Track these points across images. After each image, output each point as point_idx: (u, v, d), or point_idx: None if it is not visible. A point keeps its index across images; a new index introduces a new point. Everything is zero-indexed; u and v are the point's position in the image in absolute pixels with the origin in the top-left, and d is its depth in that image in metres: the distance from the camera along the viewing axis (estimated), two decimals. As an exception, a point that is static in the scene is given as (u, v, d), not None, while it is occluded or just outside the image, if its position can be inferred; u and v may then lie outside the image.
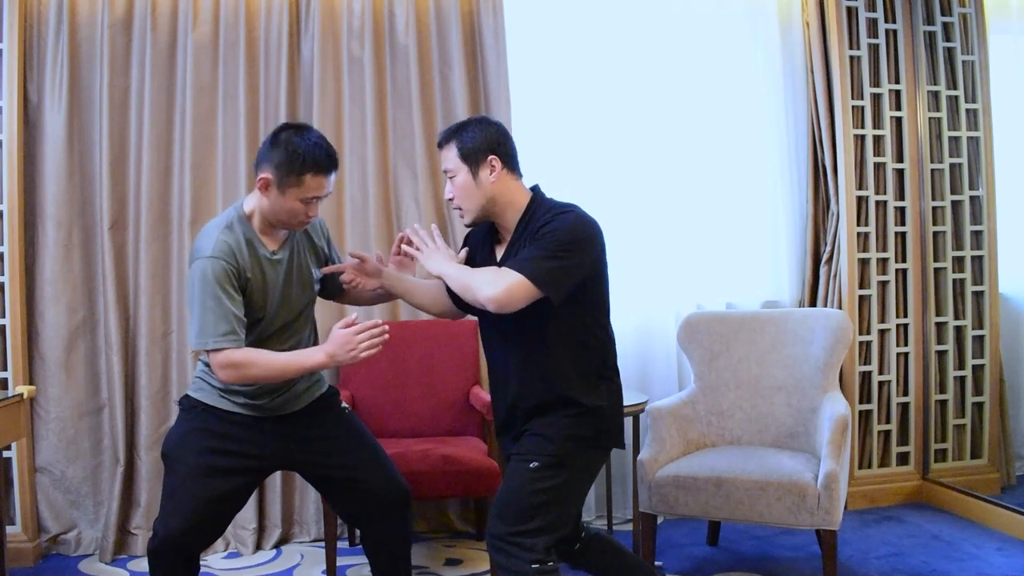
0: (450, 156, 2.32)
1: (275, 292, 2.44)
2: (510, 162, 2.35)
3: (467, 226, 2.41)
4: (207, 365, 2.48)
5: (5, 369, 3.58)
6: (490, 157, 2.30)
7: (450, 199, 2.36)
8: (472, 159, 2.29)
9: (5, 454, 3.42)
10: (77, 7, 3.70)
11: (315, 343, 2.61)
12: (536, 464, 2.25)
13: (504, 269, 2.20)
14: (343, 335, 2.28)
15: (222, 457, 2.45)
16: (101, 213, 3.69)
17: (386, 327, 2.31)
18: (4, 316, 3.58)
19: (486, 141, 2.31)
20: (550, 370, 2.29)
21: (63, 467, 3.70)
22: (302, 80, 3.87)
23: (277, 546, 3.75)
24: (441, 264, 2.36)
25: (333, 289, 2.72)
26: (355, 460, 2.58)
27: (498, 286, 2.16)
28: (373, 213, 3.85)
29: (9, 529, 3.38)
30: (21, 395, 3.00)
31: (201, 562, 3.44)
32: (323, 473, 2.61)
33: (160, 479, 2.69)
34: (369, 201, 3.86)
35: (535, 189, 2.41)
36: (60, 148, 3.66)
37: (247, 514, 3.70)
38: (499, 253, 2.40)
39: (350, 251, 2.58)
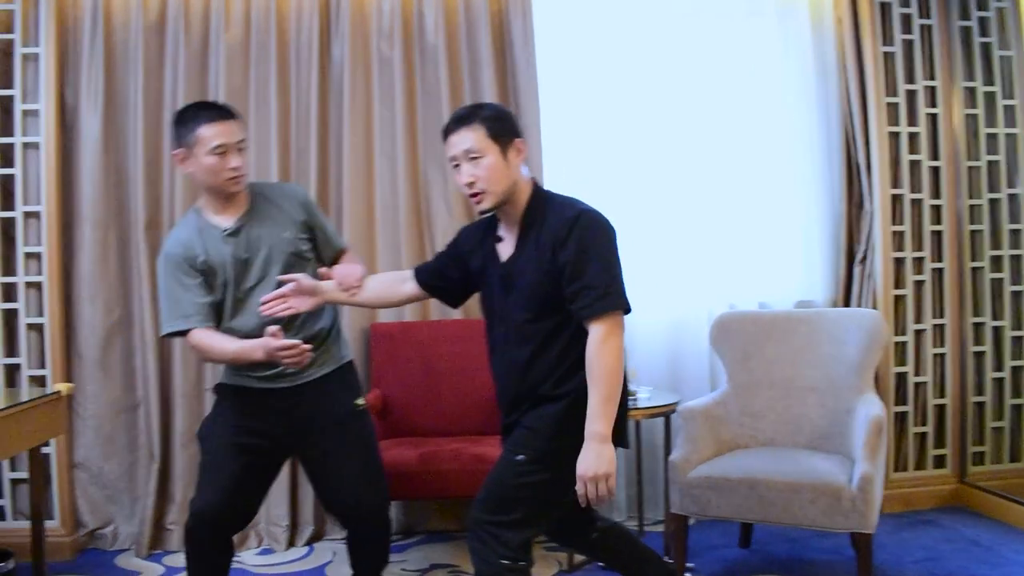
0: (475, 136, 2.21)
1: (238, 263, 2.56)
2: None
3: (483, 212, 2.29)
4: None
5: (44, 367, 3.65)
6: (517, 140, 2.27)
7: (469, 183, 2.23)
8: (503, 139, 2.23)
9: (44, 450, 3.47)
10: (112, 11, 3.76)
11: (324, 311, 2.67)
12: (522, 458, 2.24)
13: (597, 324, 2.15)
14: (271, 346, 2.33)
15: (247, 435, 2.59)
16: (136, 214, 3.75)
17: (307, 349, 2.36)
18: (43, 315, 3.64)
19: (514, 124, 2.30)
20: (542, 363, 2.26)
21: (100, 463, 3.76)
22: (332, 81, 3.89)
23: (310, 543, 3.78)
24: (599, 428, 2.16)
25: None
26: (340, 465, 2.64)
27: (613, 342, 2.15)
28: (403, 213, 3.87)
29: (48, 523, 3.44)
30: (59, 392, 3.05)
31: (235, 558, 3.49)
32: (312, 468, 2.71)
33: (195, 475, 2.74)
34: (399, 201, 3.88)
35: (535, 180, 2.37)
36: (96, 150, 3.72)
37: (280, 511, 3.74)
38: (503, 252, 2.34)
39: (279, 277, 2.53)
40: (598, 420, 2.14)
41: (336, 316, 2.77)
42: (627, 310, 2.20)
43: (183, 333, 2.54)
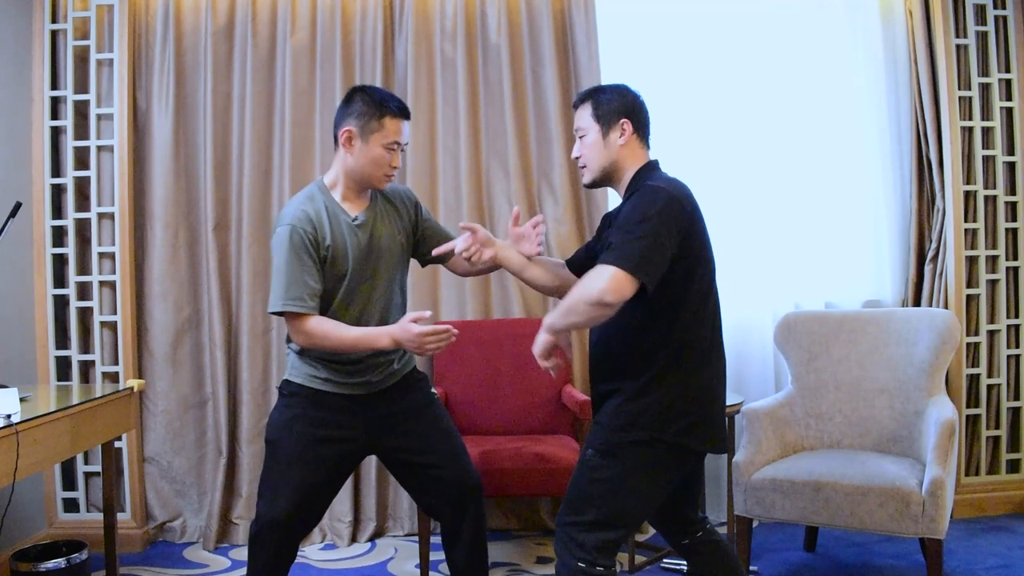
0: (584, 115, 2.34)
1: (360, 254, 2.50)
2: (641, 130, 2.36)
3: (586, 185, 2.42)
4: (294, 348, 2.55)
5: (117, 363, 3.76)
6: (622, 120, 2.31)
7: (576, 157, 2.38)
8: (605, 120, 2.31)
9: (116, 444, 3.58)
10: (182, 17, 3.85)
11: (406, 311, 2.65)
12: (591, 452, 2.23)
13: (600, 267, 2.11)
14: (411, 332, 2.32)
15: (323, 445, 2.52)
16: (205, 214, 3.83)
17: (454, 331, 2.34)
18: (116, 313, 3.75)
19: (622, 105, 2.33)
20: (610, 355, 2.27)
21: (169, 458, 3.86)
22: (396, 81, 3.93)
23: (372, 539, 3.83)
24: (549, 320, 2.24)
25: (436, 257, 2.71)
26: (432, 446, 2.61)
27: (602, 282, 2.06)
28: (466, 212, 3.89)
29: (119, 516, 3.54)
30: (131, 388, 3.14)
31: (299, 552, 3.54)
32: (403, 458, 2.64)
33: (260, 471, 2.77)
34: (462, 200, 3.90)
35: (650, 162, 2.37)
36: (167, 152, 3.82)
37: (343, 507, 3.79)
38: None
39: (461, 224, 2.56)
40: (552, 314, 2.23)
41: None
42: (634, 275, 2.07)
43: (288, 315, 2.41)
